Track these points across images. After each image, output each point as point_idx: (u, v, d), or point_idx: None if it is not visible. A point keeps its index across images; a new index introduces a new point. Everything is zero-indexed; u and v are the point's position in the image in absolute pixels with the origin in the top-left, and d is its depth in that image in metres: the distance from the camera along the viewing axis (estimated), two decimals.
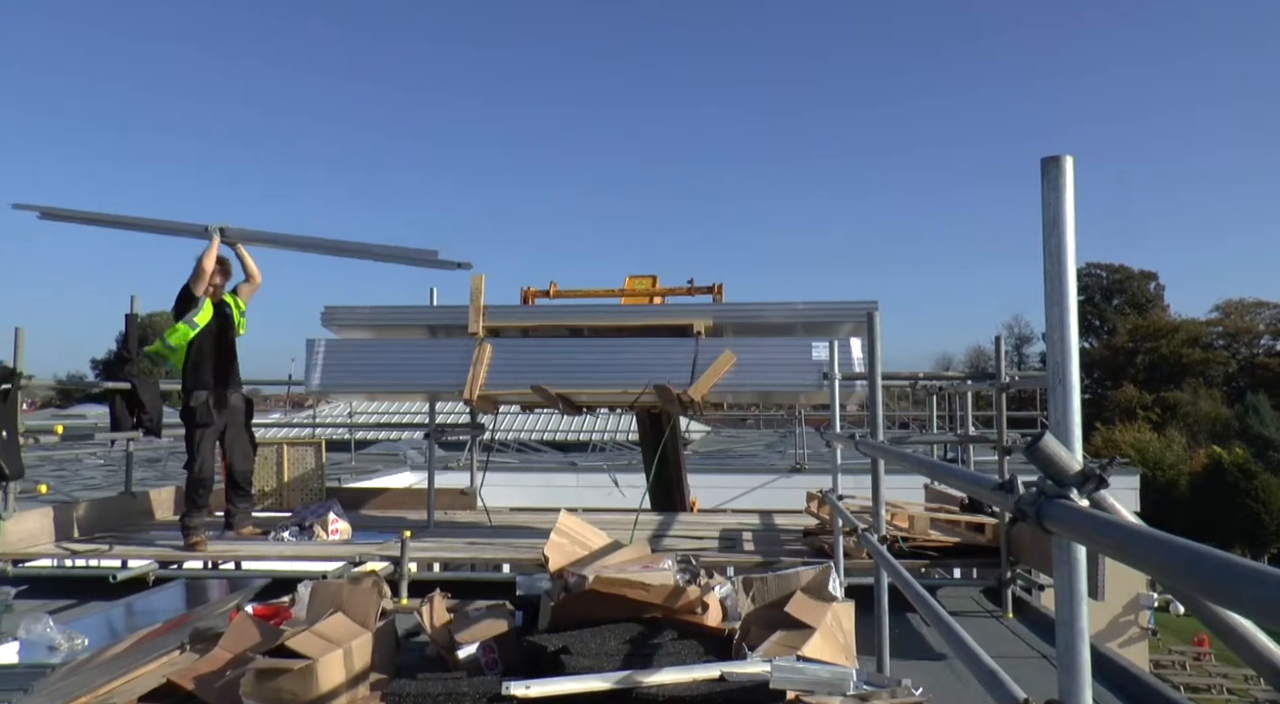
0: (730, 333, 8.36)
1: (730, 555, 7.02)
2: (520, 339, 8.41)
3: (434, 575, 6.88)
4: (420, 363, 8.31)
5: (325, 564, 6.80)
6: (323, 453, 9.93)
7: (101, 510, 8.29)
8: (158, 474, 17.63)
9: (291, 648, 4.27)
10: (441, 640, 4.64)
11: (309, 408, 22.73)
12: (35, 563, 7.10)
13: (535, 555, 6.17)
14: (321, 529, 7.86)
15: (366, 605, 4.73)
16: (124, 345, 9.38)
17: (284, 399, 26.50)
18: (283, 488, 9.70)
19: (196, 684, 4.35)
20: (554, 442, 25.39)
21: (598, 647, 4.31)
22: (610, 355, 8.05)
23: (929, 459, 4.90)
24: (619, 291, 9.48)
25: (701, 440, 26.64)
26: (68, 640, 4.31)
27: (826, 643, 4.28)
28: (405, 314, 8.81)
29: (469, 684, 4.10)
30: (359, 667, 4.29)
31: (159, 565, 6.96)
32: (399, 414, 24.32)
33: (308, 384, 8.39)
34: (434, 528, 8.24)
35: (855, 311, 7.94)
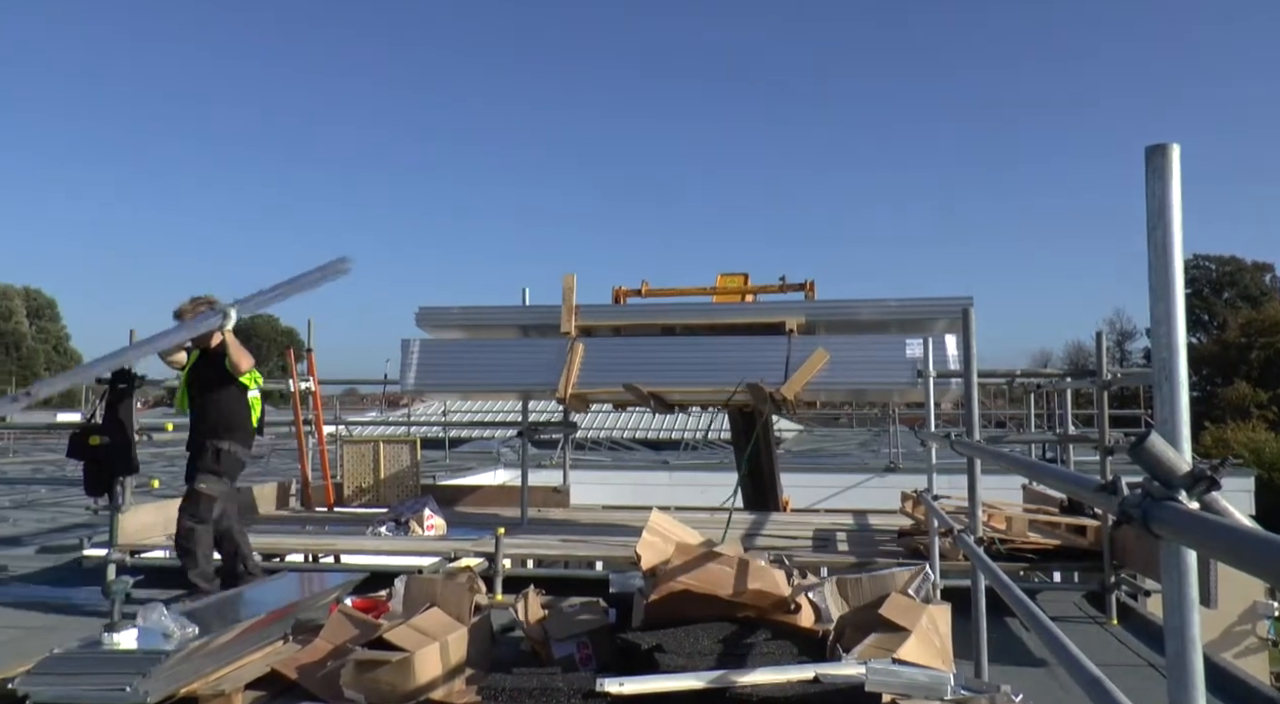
0: (823, 330, 8.28)
1: (824, 556, 6.95)
2: (612, 338, 8.46)
3: (528, 572, 6.95)
4: (513, 362, 8.41)
5: (421, 559, 6.93)
6: (418, 450, 10.12)
7: None
8: (260, 470, 18.17)
9: (389, 640, 4.37)
10: (536, 636, 4.69)
11: (404, 407, 23.20)
12: (150, 554, 7.38)
13: (627, 553, 6.19)
14: (417, 525, 8.02)
15: (461, 600, 4.81)
16: None
17: (380, 398, 27.12)
18: (379, 484, 9.92)
19: (299, 674, 4.48)
20: (646, 440, 25.45)
21: (691, 646, 4.31)
22: (702, 354, 8.04)
23: (1027, 459, 4.79)
24: (710, 289, 9.47)
25: (794, 439, 26.45)
26: (180, 628, 4.46)
27: (922, 646, 4.21)
28: (498, 314, 8.92)
29: (564, 680, 4.14)
30: (455, 660, 4.37)
31: (262, 557, 7.18)
32: (492, 412, 24.67)
33: (403, 384, 8.56)
34: (527, 525, 8.33)
35: (950, 308, 7.79)
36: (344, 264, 6.41)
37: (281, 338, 67.35)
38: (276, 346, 66.86)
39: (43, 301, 63.78)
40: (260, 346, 67.91)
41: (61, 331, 64.58)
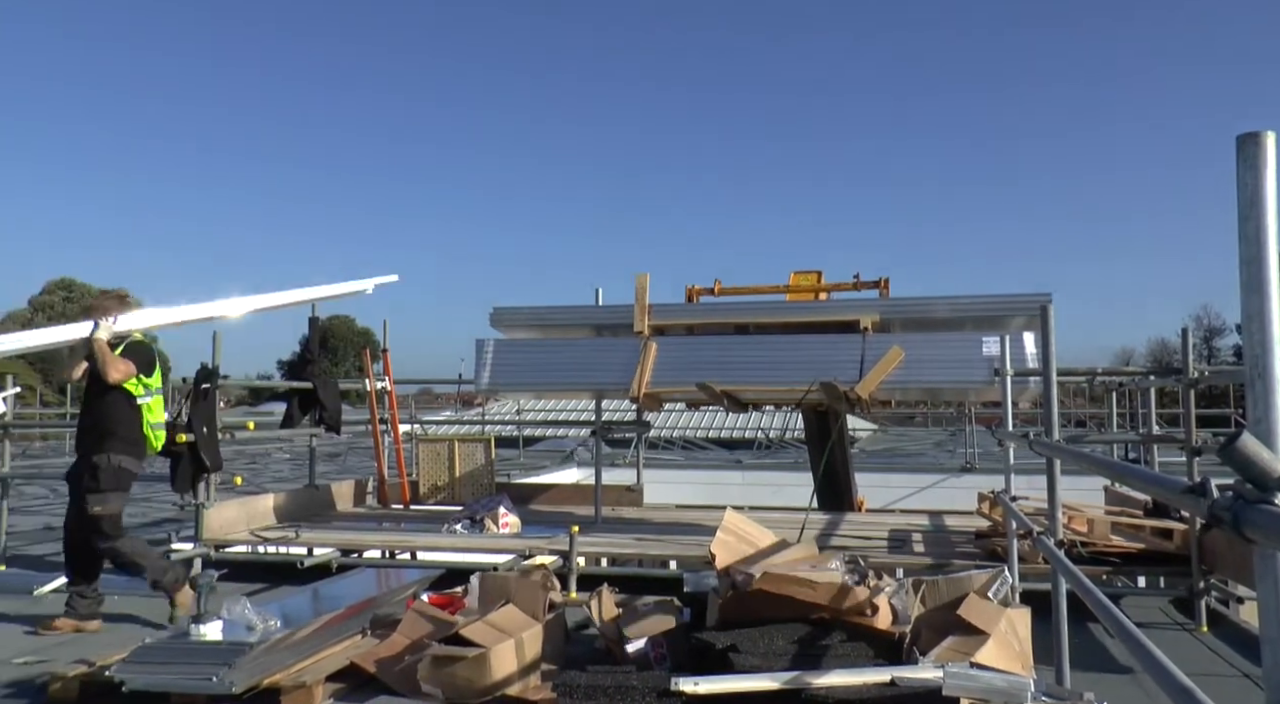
0: (897, 328, 8.18)
1: (899, 556, 6.87)
2: (685, 337, 8.46)
3: (601, 570, 6.98)
4: (586, 362, 8.45)
5: (496, 557, 7.00)
6: (492, 449, 10.22)
7: (289, 501, 8.78)
8: (338, 468, 18.56)
9: (465, 636, 4.43)
10: (610, 634, 4.71)
11: (478, 406, 23.44)
12: (233, 549, 7.58)
13: (702, 552, 6.19)
14: (492, 523, 8.10)
15: (536, 597, 4.85)
16: (306, 348, 9.91)
17: (454, 397, 27.46)
18: (454, 482, 10.04)
19: (378, 667, 4.56)
20: (719, 439, 25.41)
21: (765, 646, 4.29)
22: (776, 352, 7.99)
23: (1109, 459, 4.68)
24: (784, 287, 9.41)
25: (869, 438, 26.19)
26: (263, 621, 4.59)
27: (1001, 650, 4.14)
28: (571, 314, 8.97)
29: (638, 678, 4.15)
30: (530, 657, 4.41)
31: (341, 553, 7.34)
32: (566, 411, 24.84)
33: (478, 383, 8.66)
34: (601, 523, 8.37)
35: (1028, 304, 7.64)
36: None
37: (358, 338, 68.67)
38: (353, 347, 68.21)
39: (132, 304, 65.65)
40: (338, 348, 69.40)
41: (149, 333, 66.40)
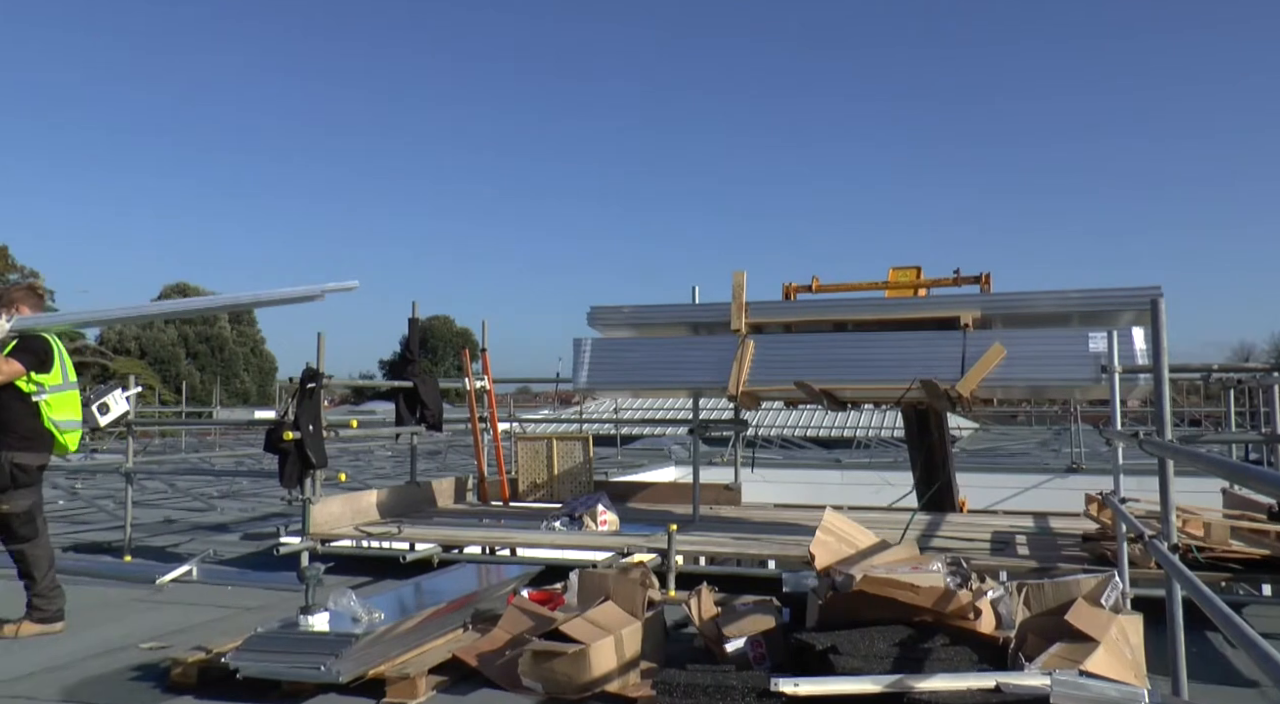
0: (999, 324, 7.99)
1: (1003, 559, 6.70)
2: (783, 335, 8.40)
3: (699, 569, 6.98)
4: (684, 360, 8.44)
5: (595, 554, 7.06)
6: (590, 447, 10.30)
7: (391, 497, 8.98)
8: (438, 465, 18.92)
9: (565, 632, 4.47)
10: (709, 633, 4.71)
11: (576, 404, 23.65)
12: (338, 543, 7.78)
13: (801, 552, 6.14)
14: (590, 520, 8.16)
15: (635, 595, 4.87)
16: (407, 348, 10.13)
17: (553, 396, 27.76)
18: (553, 480, 10.14)
19: (479, 661, 4.64)
20: (818, 438, 25.20)
21: (866, 648, 4.24)
22: (874, 350, 7.88)
23: (1228, 460, 4.50)
24: (882, 284, 9.28)
25: (970, 438, 25.66)
26: (367, 613, 4.70)
27: (1112, 658, 4.01)
28: (668, 312, 8.97)
29: (737, 678, 4.14)
30: (629, 654, 4.43)
31: (442, 549, 7.48)
32: (663, 410, 24.90)
33: (576, 382, 8.72)
34: (699, 522, 8.36)
35: (1137, 298, 7.39)
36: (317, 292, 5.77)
37: (457, 338, 69.88)
38: (453, 347, 69.45)
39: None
40: (437, 347, 70.72)
41: (258, 335, 68.83)
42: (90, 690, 4.66)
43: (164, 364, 58.41)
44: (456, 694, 4.46)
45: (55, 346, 6.10)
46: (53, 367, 6.02)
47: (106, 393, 8.65)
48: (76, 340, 47.66)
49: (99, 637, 5.72)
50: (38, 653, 5.37)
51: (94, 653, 5.34)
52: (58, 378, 6.07)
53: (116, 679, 4.84)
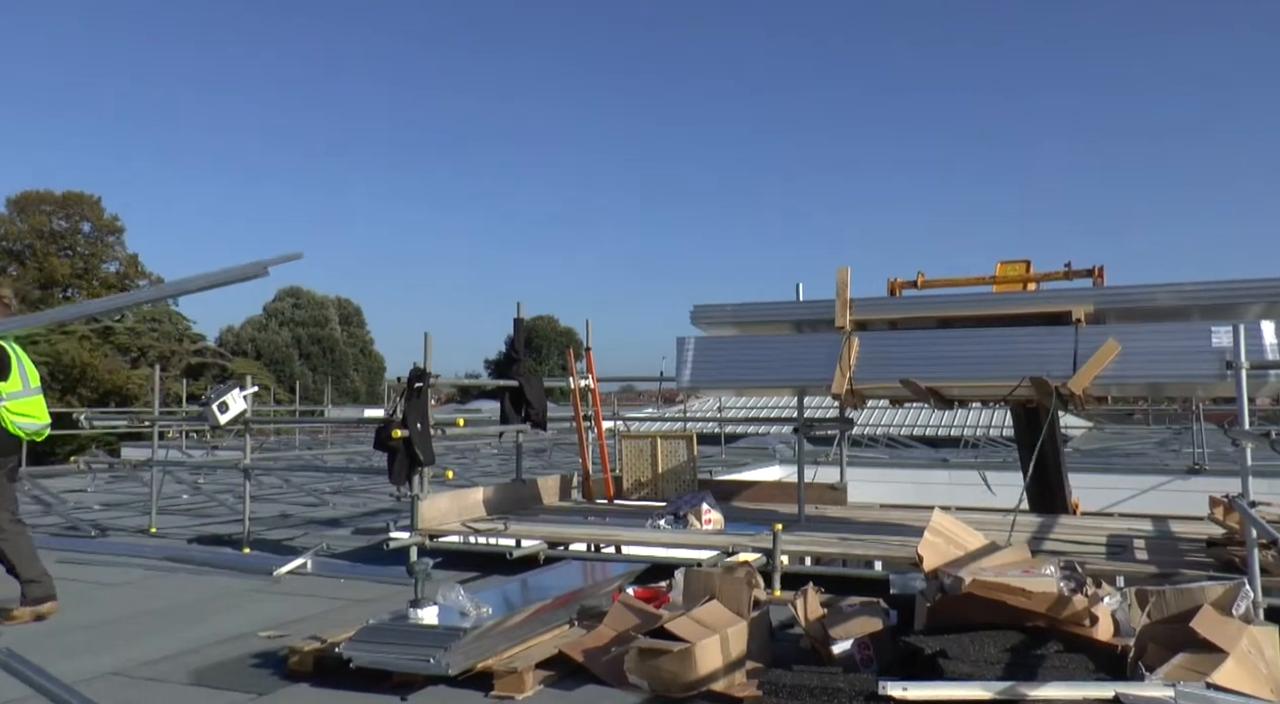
0: (1114, 319, 7.72)
1: (1120, 564, 6.48)
2: (888, 332, 8.26)
3: (805, 569, 6.91)
4: (788, 358, 8.37)
5: (699, 552, 7.05)
6: (694, 446, 10.29)
7: (497, 494, 9.12)
8: (544, 463, 19.15)
9: (670, 630, 4.48)
10: (815, 634, 4.67)
11: (680, 403, 23.67)
12: (446, 539, 7.93)
13: (907, 553, 6.04)
14: (695, 519, 8.16)
15: (740, 594, 4.86)
16: (512, 347, 10.26)
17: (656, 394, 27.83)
18: (657, 479, 10.17)
19: (585, 657, 4.68)
20: (924, 437, 24.76)
21: (977, 653, 4.14)
22: (982, 346, 7.70)
23: None
24: (990, 279, 9.06)
25: (1083, 437, 24.89)
26: (475, 608, 4.78)
27: (1242, 671, 3.83)
28: (771, 310, 8.90)
29: (845, 680, 4.09)
30: (735, 653, 4.42)
31: (548, 546, 7.56)
32: (767, 409, 24.75)
33: (679, 380, 8.72)
34: (804, 522, 8.29)
35: (1265, 290, 7.05)
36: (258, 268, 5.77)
37: (561, 338, 70.59)
38: (557, 346, 70.22)
39: (351, 309, 70.01)
40: (542, 347, 71.59)
41: (367, 336, 70.69)
42: (216, 675, 4.87)
43: (278, 365, 60.39)
44: (563, 689, 4.51)
45: (14, 354, 6.29)
46: (10, 374, 6.21)
47: (225, 393, 9.00)
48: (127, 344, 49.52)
49: (222, 625, 5.96)
50: (168, 638, 5.62)
51: (218, 640, 5.56)
52: (17, 384, 6.26)
53: (239, 665, 5.04)
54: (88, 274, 57.75)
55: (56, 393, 47.05)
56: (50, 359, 47.46)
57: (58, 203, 57.95)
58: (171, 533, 10.07)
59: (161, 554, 8.57)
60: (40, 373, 6.75)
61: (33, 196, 57.40)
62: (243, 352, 60.41)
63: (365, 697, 4.43)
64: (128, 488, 15.50)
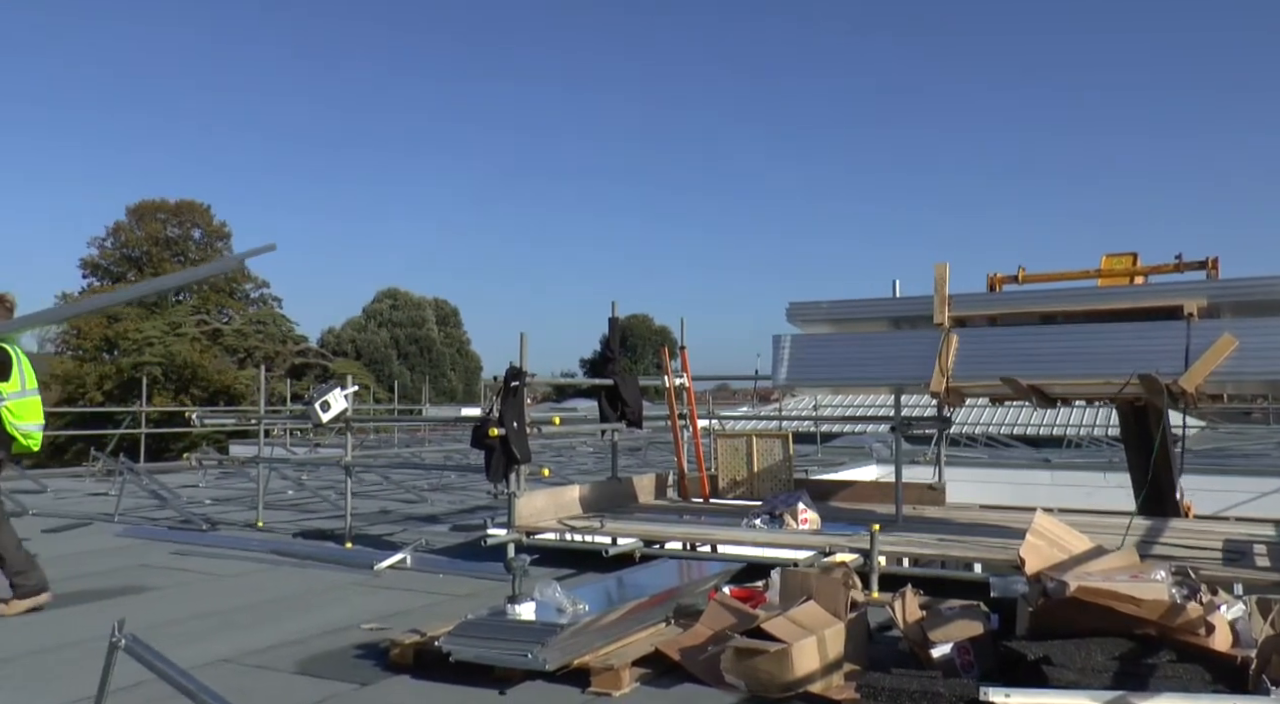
0: (1228, 313, 7.42)
1: (1238, 570, 6.21)
2: (988, 328, 8.09)
3: (902, 570, 6.80)
4: (884, 356, 8.25)
5: (796, 552, 6.99)
6: (790, 444, 10.21)
7: (593, 492, 9.17)
8: (639, 462, 19.19)
9: (767, 630, 4.44)
10: (914, 637, 4.58)
11: (776, 401, 23.52)
12: (542, 536, 8.00)
13: (1009, 556, 5.90)
14: (791, 518, 8.09)
15: (837, 595, 4.79)
16: (607, 346, 10.31)
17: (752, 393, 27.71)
18: (753, 478, 10.11)
19: (681, 655, 4.67)
20: (1025, 436, 24.17)
21: (1083, 660, 4.01)
22: (1087, 342, 7.48)
23: None
24: (1095, 272, 8.80)
25: (1196, 437, 23.98)
26: (572, 605, 4.82)
27: None
28: (868, 307, 8.79)
29: (945, 685, 4.01)
30: (832, 655, 4.36)
31: (643, 544, 7.57)
32: (864, 407, 24.42)
33: (775, 379, 8.66)
34: (902, 522, 8.15)
35: None
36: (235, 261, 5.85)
37: (656, 336, 70.76)
38: (652, 345, 70.43)
39: (448, 310, 71.28)
40: (637, 346, 71.87)
41: (464, 337, 71.88)
42: (320, 665, 5.00)
43: (377, 365, 61.73)
44: (660, 687, 4.51)
45: (15, 356, 6.45)
46: (11, 375, 6.36)
47: (327, 392, 9.23)
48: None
49: (326, 617, 6.12)
50: (275, 629, 5.80)
51: (322, 631, 5.71)
52: (16, 385, 6.41)
53: (342, 656, 5.16)
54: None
55: (170, 392, 48.94)
56: (164, 360, 49.43)
57: (171, 211, 60.22)
58: (277, 527, 10.38)
59: (268, 548, 8.83)
60: (154, 372, 7.05)
61: (149, 205, 59.79)
62: (343, 352, 61.94)
63: (464, 690, 4.50)
64: (236, 483, 16.02)
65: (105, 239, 59.36)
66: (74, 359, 57.08)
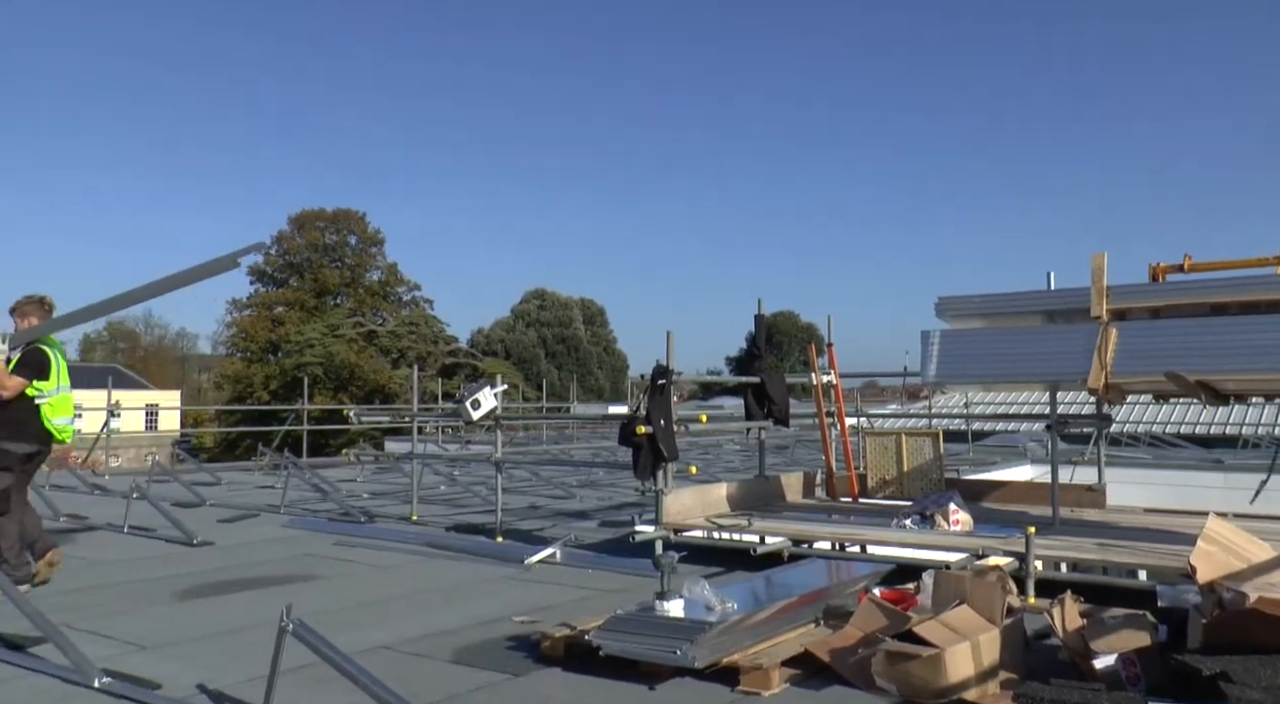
0: None
1: None
2: (1150, 321, 7.70)
3: (1060, 576, 6.55)
4: (1039, 351, 7.96)
5: (947, 554, 6.81)
6: (940, 443, 9.96)
7: (741, 491, 9.14)
8: (786, 460, 19.05)
9: (919, 634, 4.34)
10: (1075, 646, 4.40)
11: (924, 399, 23.00)
12: (689, 533, 8.02)
13: (1178, 564, 5.61)
14: (942, 519, 7.89)
15: (993, 600, 4.64)
16: (753, 343, 10.25)
17: (900, 391, 27.16)
18: (902, 477, 9.90)
19: (831, 657, 4.61)
20: (1194, 435, 22.94)
21: (1269, 678, 3.74)
22: (1264, 335, 7.02)
23: None
24: (1273, 259, 8.27)
25: None
26: (720, 603, 4.82)
27: None
28: (1021, 300, 8.48)
29: (1109, 698, 3.84)
30: (987, 662, 4.23)
31: (792, 543, 7.50)
32: (1017, 405, 23.58)
33: (924, 375, 8.45)
34: (1059, 525, 7.85)
35: None
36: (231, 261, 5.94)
37: (802, 333, 70.11)
38: (798, 342, 69.79)
39: (594, 310, 72.27)
40: (783, 343, 71.34)
41: (610, 336, 72.76)
42: (474, 655, 5.15)
43: (526, 364, 63.06)
44: (810, 689, 4.46)
45: (53, 356, 7.03)
46: (50, 374, 6.98)
47: (477, 390, 9.48)
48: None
49: (479, 608, 6.29)
50: (430, 618, 6.00)
51: (475, 622, 5.88)
52: (54, 383, 7.03)
53: (495, 647, 5.30)
54: (354, 283, 62.47)
55: (329, 391, 51.25)
56: (324, 361, 51.71)
57: (329, 219, 62.95)
58: (430, 521, 10.71)
59: (422, 541, 9.13)
60: (314, 372, 7.56)
61: (310, 215, 62.71)
62: (492, 352, 63.48)
63: (614, 684, 4.56)
64: (391, 478, 16.60)
65: (270, 247, 62.53)
66: (242, 361, 60.45)
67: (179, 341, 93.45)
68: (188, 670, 4.83)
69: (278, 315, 60.74)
